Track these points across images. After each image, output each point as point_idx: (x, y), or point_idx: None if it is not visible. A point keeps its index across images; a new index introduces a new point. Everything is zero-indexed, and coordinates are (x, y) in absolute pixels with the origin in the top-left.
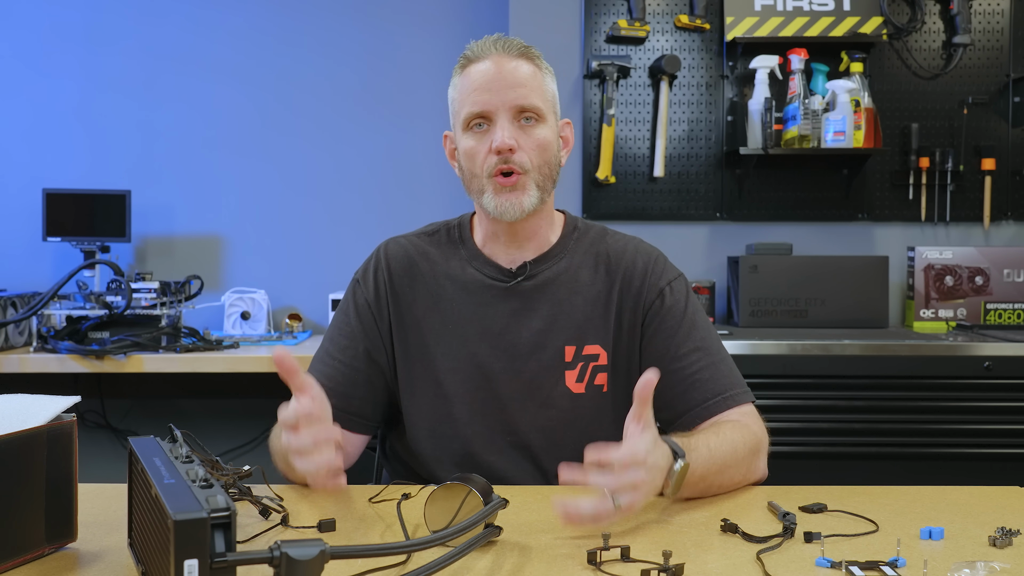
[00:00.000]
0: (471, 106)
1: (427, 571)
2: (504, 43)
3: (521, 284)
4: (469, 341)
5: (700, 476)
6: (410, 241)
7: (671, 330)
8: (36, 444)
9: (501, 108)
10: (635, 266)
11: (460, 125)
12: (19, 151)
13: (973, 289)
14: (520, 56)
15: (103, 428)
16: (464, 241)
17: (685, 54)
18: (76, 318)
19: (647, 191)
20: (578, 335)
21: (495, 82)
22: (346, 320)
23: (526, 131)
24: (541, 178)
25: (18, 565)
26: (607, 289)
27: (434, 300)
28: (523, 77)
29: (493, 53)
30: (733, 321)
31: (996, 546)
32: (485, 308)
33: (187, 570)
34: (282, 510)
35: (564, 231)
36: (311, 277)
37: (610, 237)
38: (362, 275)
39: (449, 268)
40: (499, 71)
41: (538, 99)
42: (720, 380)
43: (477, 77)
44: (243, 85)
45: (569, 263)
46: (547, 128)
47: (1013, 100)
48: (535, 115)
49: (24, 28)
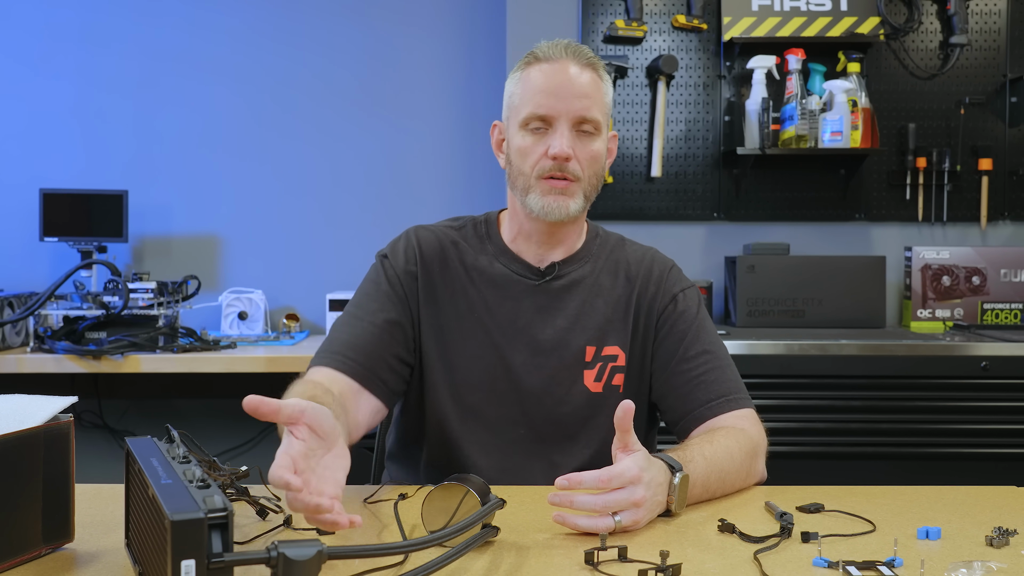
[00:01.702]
0: (534, 107)
1: (424, 571)
2: (575, 49)
3: (550, 283)
4: (492, 332)
5: (700, 485)
6: (439, 229)
7: (681, 333)
8: (33, 445)
9: (564, 115)
10: (652, 273)
11: (518, 121)
12: (16, 151)
13: (970, 289)
14: (588, 65)
15: (100, 428)
16: (491, 237)
17: (682, 54)
18: (73, 318)
19: (644, 191)
20: (599, 336)
21: (562, 88)
22: (376, 288)
23: (582, 141)
24: (589, 188)
25: (15, 566)
26: (627, 294)
27: (462, 287)
28: (588, 87)
29: (563, 57)
30: (730, 321)
31: (993, 546)
32: (512, 302)
33: (184, 570)
34: (279, 510)
35: (587, 237)
36: (309, 277)
37: (628, 246)
38: (391, 251)
39: (477, 260)
40: (567, 77)
41: (599, 112)
42: (725, 383)
43: (544, 79)
44: (240, 85)
45: (593, 267)
46: (601, 141)
47: (1010, 100)
48: (593, 127)
49: (20, 28)
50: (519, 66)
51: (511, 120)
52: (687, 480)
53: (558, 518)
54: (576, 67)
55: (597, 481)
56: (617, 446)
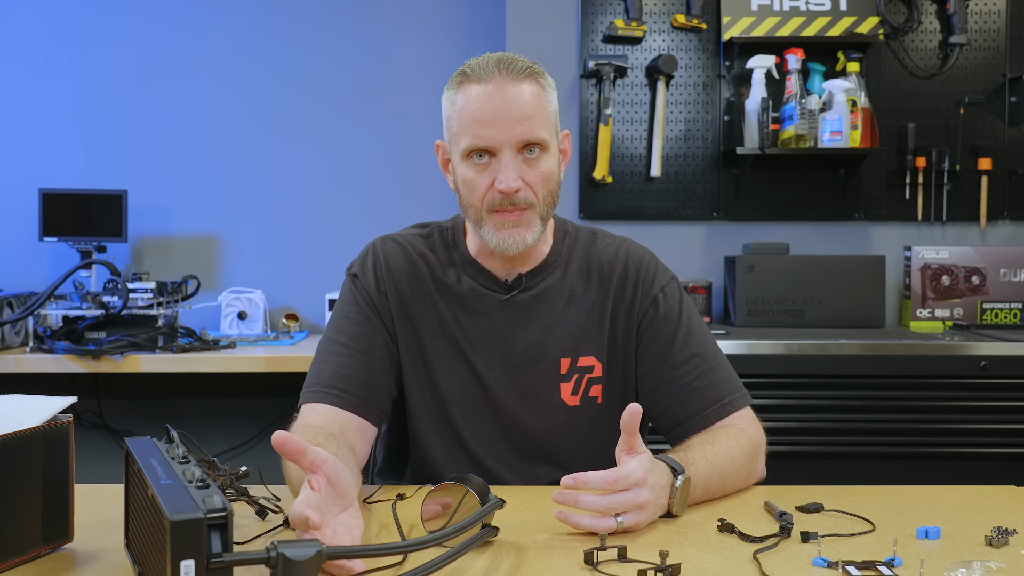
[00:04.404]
0: (473, 139)
1: (424, 571)
2: (507, 63)
3: (517, 296)
4: (466, 349)
5: (701, 488)
6: (405, 240)
7: (667, 338)
8: (32, 445)
9: (506, 143)
10: (627, 274)
11: (459, 152)
12: (15, 151)
13: (969, 289)
14: (525, 78)
15: (99, 428)
16: (457, 246)
17: (682, 54)
18: (72, 318)
19: (644, 191)
20: (573, 346)
21: (500, 114)
22: (355, 310)
23: (530, 164)
24: (545, 208)
25: (15, 566)
26: (601, 299)
27: (432, 304)
28: (528, 106)
29: (496, 76)
30: (730, 321)
31: (992, 545)
32: (483, 318)
33: (183, 570)
34: (279, 510)
35: (556, 238)
36: (308, 277)
37: (600, 241)
38: (359, 268)
39: (445, 275)
40: (503, 100)
41: (543, 130)
42: (719, 386)
43: (479, 104)
44: (239, 85)
45: (563, 273)
46: (551, 157)
47: (1009, 100)
48: (540, 146)
49: (19, 28)
50: (451, 84)
51: (452, 147)
52: (688, 483)
53: (560, 516)
54: (511, 84)
55: (603, 482)
56: (622, 448)
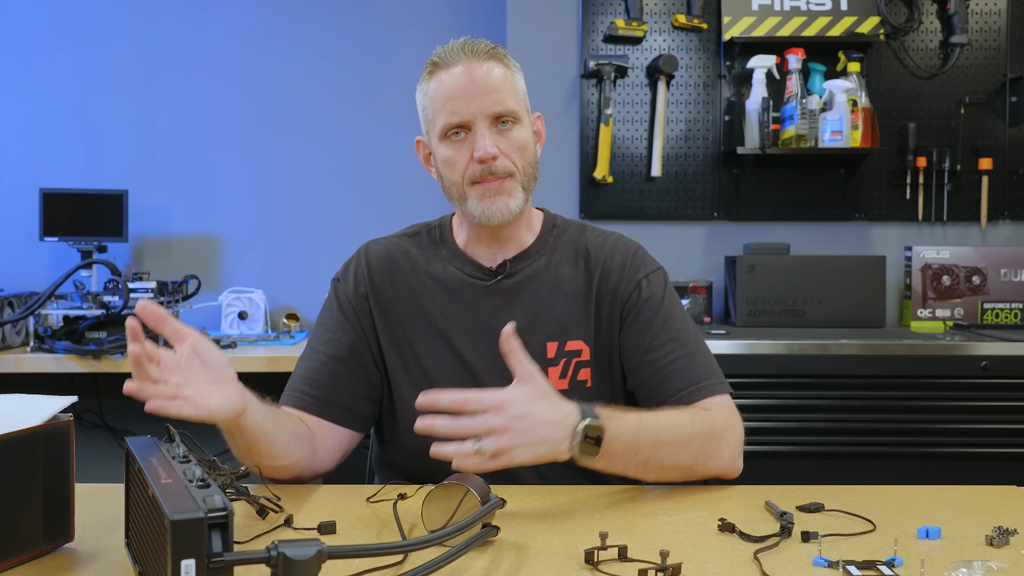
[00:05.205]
0: (448, 116)
1: (424, 571)
2: (472, 46)
3: (501, 282)
4: (452, 338)
5: (627, 446)
6: (390, 241)
7: (647, 321)
8: (33, 444)
9: (479, 116)
10: (613, 260)
11: (436, 134)
12: (16, 151)
13: (970, 289)
14: (490, 58)
15: (100, 428)
16: (445, 241)
17: (682, 54)
18: (73, 318)
19: (644, 191)
20: (560, 331)
21: (469, 90)
22: (329, 316)
23: (505, 135)
24: (525, 178)
25: (15, 565)
26: (587, 284)
27: (416, 298)
28: (496, 81)
29: (463, 58)
30: (730, 321)
31: (993, 545)
32: (467, 306)
33: (184, 570)
34: (279, 510)
35: (543, 229)
36: (308, 277)
37: (589, 232)
38: (342, 274)
39: (430, 267)
40: (472, 77)
41: (513, 102)
42: (695, 370)
43: (450, 85)
44: (239, 85)
45: (549, 260)
46: (524, 128)
47: (1010, 100)
48: (512, 118)
49: (20, 28)
50: (423, 77)
51: (431, 134)
52: (597, 431)
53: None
54: (478, 63)
55: (452, 402)
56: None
